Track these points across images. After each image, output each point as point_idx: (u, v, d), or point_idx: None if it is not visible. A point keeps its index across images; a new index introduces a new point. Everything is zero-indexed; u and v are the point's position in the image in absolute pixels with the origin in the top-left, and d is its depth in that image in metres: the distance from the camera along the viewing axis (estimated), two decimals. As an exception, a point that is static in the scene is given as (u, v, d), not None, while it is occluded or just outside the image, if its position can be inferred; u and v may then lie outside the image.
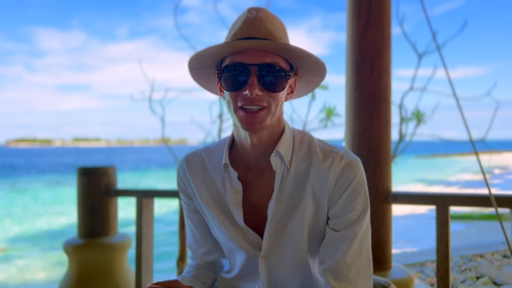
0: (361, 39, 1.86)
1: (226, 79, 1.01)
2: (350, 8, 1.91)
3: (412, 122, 4.79)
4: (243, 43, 0.96)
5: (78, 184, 2.43)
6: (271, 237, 1.10)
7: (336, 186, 1.06)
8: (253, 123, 0.99)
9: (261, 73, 0.98)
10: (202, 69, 1.11)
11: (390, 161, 1.91)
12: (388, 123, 1.89)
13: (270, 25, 1.02)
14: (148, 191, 2.35)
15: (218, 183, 1.16)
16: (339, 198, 1.06)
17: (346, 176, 1.06)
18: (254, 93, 0.97)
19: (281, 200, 1.09)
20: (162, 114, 4.22)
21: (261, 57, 0.98)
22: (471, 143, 1.68)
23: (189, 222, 1.28)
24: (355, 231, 1.06)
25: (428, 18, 1.79)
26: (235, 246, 1.15)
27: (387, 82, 1.88)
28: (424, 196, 1.87)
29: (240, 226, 1.12)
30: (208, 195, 1.17)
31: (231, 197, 1.12)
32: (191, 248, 1.31)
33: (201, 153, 1.23)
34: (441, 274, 1.78)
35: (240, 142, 1.12)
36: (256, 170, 1.13)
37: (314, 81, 1.15)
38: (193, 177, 1.20)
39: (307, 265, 1.13)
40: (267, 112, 1.01)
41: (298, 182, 1.09)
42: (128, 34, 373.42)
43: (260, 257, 1.12)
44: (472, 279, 4.52)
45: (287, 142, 1.10)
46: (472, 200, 1.78)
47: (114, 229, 2.47)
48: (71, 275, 2.39)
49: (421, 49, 3.96)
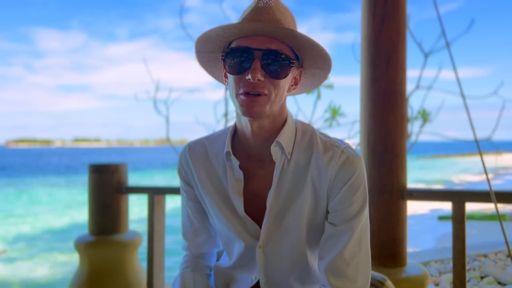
0: (377, 35, 1.85)
1: (230, 62, 1.01)
2: (366, 4, 1.90)
3: (417, 122, 4.80)
4: (248, 26, 0.95)
5: (89, 181, 2.42)
6: (270, 227, 1.10)
7: (335, 179, 1.06)
8: (252, 107, 0.99)
9: (265, 59, 0.98)
10: (209, 53, 1.11)
11: (405, 157, 1.91)
12: (403, 119, 1.89)
13: (279, 14, 1.02)
14: (159, 188, 2.34)
15: (220, 171, 1.16)
16: (338, 192, 1.06)
17: (346, 170, 1.06)
18: (256, 77, 0.96)
19: (281, 190, 1.09)
20: (166, 113, 4.22)
21: (267, 43, 0.98)
22: (476, 142, 1.68)
23: (187, 210, 1.28)
24: (353, 226, 1.05)
25: (439, 13, 1.79)
26: (233, 235, 1.15)
27: (402, 78, 1.88)
28: (440, 192, 1.86)
29: (240, 215, 1.12)
30: (209, 183, 1.17)
31: (232, 185, 1.12)
32: (187, 238, 1.30)
33: (203, 141, 1.23)
34: (457, 270, 1.77)
35: (241, 130, 1.12)
36: (257, 160, 1.13)
37: (319, 75, 1.14)
38: (195, 165, 1.20)
39: (304, 256, 1.14)
40: (267, 100, 1.01)
41: (298, 173, 1.09)
42: (128, 35, 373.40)
43: (258, 246, 1.12)
44: (477, 278, 4.51)
45: (288, 133, 1.10)
46: (489, 196, 1.78)
47: (125, 226, 2.46)
48: (83, 272, 2.38)
49: (426, 48, 3.95)
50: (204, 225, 1.28)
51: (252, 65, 0.97)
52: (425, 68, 4.23)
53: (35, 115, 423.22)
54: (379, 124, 1.85)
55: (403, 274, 1.85)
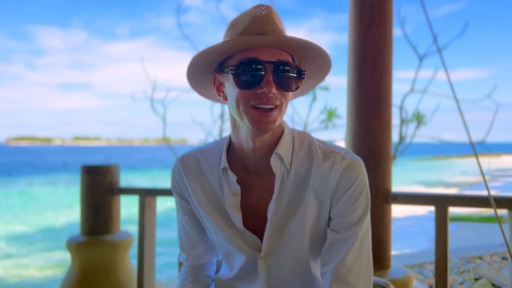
0: (363, 40, 1.88)
1: (240, 76, 0.96)
2: (352, 10, 1.93)
3: (412, 124, 4.82)
4: (263, 38, 0.92)
5: (82, 182, 2.45)
6: (271, 238, 1.09)
7: (337, 186, 1.04)
8: (266, 123, 0.97)
9: (276, 71, 0.95)
10: (201, 67, 1.06)
11: (391, 162, 1.93)
12: (388, 124, 1.91)
13: (279, 23, 1.00)
14: (150, 189, 2.37)
15: (215, 185, 1.13)
16: (340, 198, 1.05)
17: (348, 176, 1.04)
18: (272, 91, 0.94)
19: (281, 201, 1.07)
20: (163, 113, 4.25)
21: (276, 54, 0.96)
22: (471, 145, 1.69)
23: (183, 224, 1.25)
24: (356, 232, 1.04)
25: (429, 20, 1.81)
26: (233, 249, 1.13)
27: (388, 83, 1.90)
28: (423, 196, 1.89)
29: (239, 229, 1.10)
30: (204, 198, 1.15)
31: (229, 200, 1.09)
32: (185, 250, 1.27)
33: (196, 154, 1.19)
34: (439, 273, 1.80)
35: (239, 145, 1.09)
36: (255, 172, 1.10)
37: (312, 83, 1.14)
38: (188, 179, 1.17)
39: (307, 266, 1.13)
40: (279, 112, 0.99)
41: (298, 183, 1.07)
42: (129, 33, 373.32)
43: (260, 258, 1.10)
44: (471, 280, 4.52)
45: (287, 143, 1.08)
46: (471, 201, 1.81)
47: (116, 227, 2.49)
48: (74, 272, 2.41)
49: (422, 51, 3.98)
50: (201, 237, 1.25)
51: (265, 78, 0.94)
52: (420, 70, 4.25)
53: (35, 113, 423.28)
54: (364, 129, 1.88)
55: (387, 277, 1.87)
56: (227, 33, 1.04)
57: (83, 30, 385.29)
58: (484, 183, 1.64)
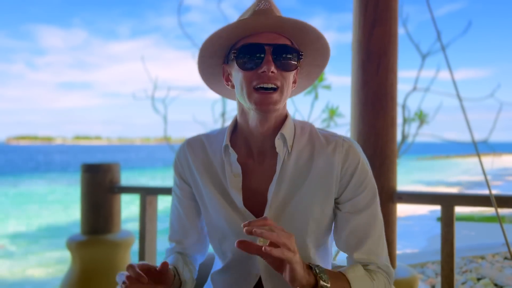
0: (367, 38, 1.86)
1: (242, 58, 1.04)
2: (357, 6, 1.91)
3: (414, 123, 4.78)
4: (259, 20, 1.01)
5: (82, 181, 2.43)
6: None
7: (343, 168, 1.10)
8: (268, 103, 1.03)
9: (275, 53, 1.03)
10: (210, 58, 1.13)
11: (396, 160, 1.91)
12: (393, 122, 1.89)
13: (279, 15, 1.05)
14: (151, 188, 2.35)
15: (218, 167, 1.17)
16: (349, 180, 1.10)
17: (351, 158, 1.10)
18: (271, 69, 1.00)
19: (281, 183, 1.11)
20: (164, 112, 4.23)
21: (274, 38, 1.04)
22: (473, 144, 1.68)
23: (178, 210, 1.26)
24: (370, 209, 1.11)
25: (433, 17, 1.79)
26: (233, 230, 1.14)
27: (393, 81, 1.88)
28: (429, 195, 1.87)
29: (240, 209, 1.13)
30: (208, 179, 1.18)
31: (230, 180, 1.13)
32: (175, 239, 1.28)
33: (201, 138, 1.24)
34: (445, 273, 1.78)
35: (246, 126, 1.14)
36: (257, 155, 1.15)
37: (315, 72, 1.20)
38: (194, 160, 1.21)
39: (307, 250, 1.14)
40: (280, 94, 1.04)
41: (299, 167, 1.11)
42: (130, 33, 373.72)
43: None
44: (473, 280, 4.51)
45: (290, 127, 1.13)
46: (477, 200, 1.78)
47: (117, 226, 2.47)
48: (74, 272, 2.39)
49: (423, 50, 3.94)
50: (195, 225, 1.27)
51: (265, 58, 1.02)
52: (423, 69, 4.22)
53: (36, 112, 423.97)
54: (369, 127, 1.86)
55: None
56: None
57: (84, 29, 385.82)
58: (486, 182, 1.62)
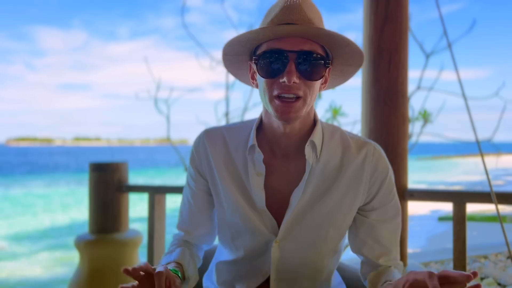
0: (379, 34, 1.85)
1: (263, 65, 0.99)
2: (368, 4, 1.90)
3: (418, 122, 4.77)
4: (284, 28, 0.93)
5: (90, 180, 2.42)
6: (290, 223, 1.09)
7: (372, 177, 1.10)
8: (289, 112, 0.98)
9: (299, 61, 0.96)
10: (236, 56, 1.10)
11: (407, 158, 1.90)
12: (405, 119, 1.88)
13: (309, 12, 1.00)
14: (160, 187, 2.34)
15: (239, 164, 1.14)
16: (378, 189, 1.10)
17: (381, 167, 1.10)
18: (292, 80, 0.95)
19: (307, 189, 1.09)
20: (167, 113, 4.22)
21: (300, 44, 0.96)
22: (477, 143, 1.67)
23: (190, 202, 1.23)
24: (398, 217, 1.14)
25: (441, 14, 1.78)
26: (249, 229, 1.12)
27: (404, 78, 1.87)
28: (441, 192, 1.86)
29: (259, 208, 1.10)
30: (227, 174, 1.15)
31: (253, 179, 1.10)
32: (184, 229, 1.24)
33: (222, 131, 1.19)
34: (458, 270, 1.77)
35: (270, 127, 1.11)
36: (282, 156, 1.12)
37: (348, 71, 1.13)
38: (213, 152, 1.17)
39: (320, 253, 1.13)
40: (303, 103, 1.00)
41: (327, 173, 1.09)
42: (129, 34, 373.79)
43: (275, 241, 1.10)
44: (477, 280, 4.50)
45: (320, 133, 1.11)
46: (489, 197, 1.77)
47: (125, 225, 2.46)
48: (82, 271, 2.38)
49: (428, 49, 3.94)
50: (206, 219, 1.24)
51: (287, 67, 0.95)
52: (426, 68, 4.22)
53: (35, 113, 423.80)
54: (380, 124, 1.85)
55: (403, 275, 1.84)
56: (262, 21, 1.06)
57: (84, 30, 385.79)
58: (488, 182, 1.62)
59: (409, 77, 1.92)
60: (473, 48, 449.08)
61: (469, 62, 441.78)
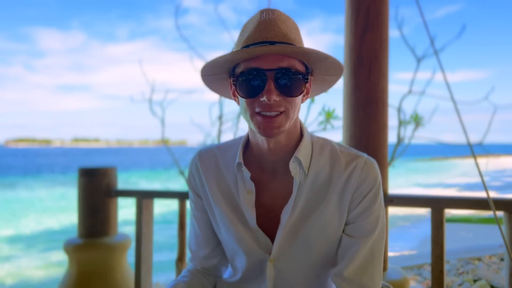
0: (359, 43, 1.88)
1: (242, 85, 0.98)
2: (349, 12, 1.93)
3: (410, 126, 4.81)
4: (260, 49, 0.93)
5: (79, 184, 2.45)
6: (282, 241, 1.08)
7: (357, 190, 1.06)
8: (272, 128, 0.97)
9: (278, 78, 0.95)
10: (215, 75, 1.09)
11: (387, 164, 1.94)
12: (385, 126, 1.92)
13: (284, 27, 0.99)
14: (148, 191, 2.37)
15: (231, 182, 1.14)
16: (359, 202, 1.06)
17: (368, 181, 1.06)
18: (272, 99, 0.94)
19: (296, 205, 1.07)
20: (162, 115, 4.25)
21: (278, 61, 0.96)
22: (469, 146, 1.69)
23: (194, 222, 1.25)
24: (372, 236, 1.05)
25: (426, 23, 1.81)
26: (243, 248, 1.12)
27: (384, 86, 1.91)
28: (419, 198, 1.89)
29: (251, 227, 1.09)
30: (219, 194, 1.15)
31: (243, 197, 1.09)
32: (191, 250, 1.27)
33: (214, 151, 1.20)
34: (435, 275, 1.80)
35: (256, 144, 1.10)
36: (270, 172, 1.11)
37: (329, 80, 1.13)
38: (205, 174, 1.18)
39: (317, 271, 1.12)
40: (285, 117, 0.99)
41: (316, 188, 1.07)
42: (128, 35, 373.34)
43: (269, 260, 1.09)
44: (470, 282, 4.52)
45: (306, 148, 1.08)
46: (467, 203, 1.81)
47: (114, 229, 2.49)
48: (71, 275, 2.41)
49: (420, 52, 3.97)
50: (210, 238, 1.24)
51: (266, 86, 0.94)
52: (418, 72, 4.25)
53: (34, 114, 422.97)
54: (360, 131, 1.88)
55: (384, 279, 1.87)
56: (238, 38, 1.06)
57: (82, 32, 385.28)
58: (483, 184, 1.64)
59: (402, 79, 1.94)
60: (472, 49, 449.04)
61: (468, 63, 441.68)
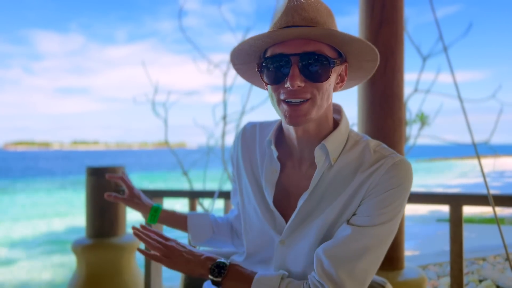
0: (374, 38, 1.86)
1: (266, 72, 0.97)
2: (363, 7, 1.91)
3: (415, 125, 4.78)
4: (281, 32, 0.90)
5: (87, 184, 2.42)
6: (295, 225, 1.07)
7: (375, 188, 0.98)
8: (297, 116, 0.95)
9: (303, 63, 0.93)
10: (245, 65, 1.08)
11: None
12: (401, 122, 1.89)
13: (312, 11, 0.95)
14: (157, 191, 2.34)
15: (259, 159, 1.17)
16: (373, 198, 0.98)
17: (391, 182, 0.97)
18: (296, 85, 0.92)
19: (315, 194, 1.04)
20: (165, 116, 4.22)
21: (302, 45, 0.93)
22: (473, 145, 1.67)
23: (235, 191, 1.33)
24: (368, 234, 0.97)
25: (436, 18, 1.78)
26: (260, 225, 1.13)
27: (400, 81, 1.88)
28: (437, 195, 1.86)
29: (269, 206, 1.10)
30: (249, 168, 1.19)
31: (267, 175, 1.11)
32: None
33: (256, 126, 1.24)
34: (455, 273, 1.77)
35: (286, 129, 1.10)
36: (298, 159, 1.10)
37: (367, 67, 1.07)
38: (242, 147, 1.22)
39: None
40: (312, 104, 0.96)
41: (337, 181, 1.03)
42: (127, 37, 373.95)
43: (279, 241, 1.09)
44: (475, 282, 4.50)
45: (338, 139, 1.04)
46: (487, 200, 1.78)
47: (122, 229, 2.46)
48: (80, 275, 2.37)
49: (424, 52, 3.95)
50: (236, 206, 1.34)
51: (290, 72, 0.92)
52: (423, 71, 4.23)
53: (33, 117, 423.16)
54: (376, 128, 1.86)
55: (401, 278, 1.84)
56: (270, 24, 1.03)
57: (81, 34, 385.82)
58: (485, 183, 1.62)
59: (407, 79, 1.92)
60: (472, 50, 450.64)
61: (467, 64, 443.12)
